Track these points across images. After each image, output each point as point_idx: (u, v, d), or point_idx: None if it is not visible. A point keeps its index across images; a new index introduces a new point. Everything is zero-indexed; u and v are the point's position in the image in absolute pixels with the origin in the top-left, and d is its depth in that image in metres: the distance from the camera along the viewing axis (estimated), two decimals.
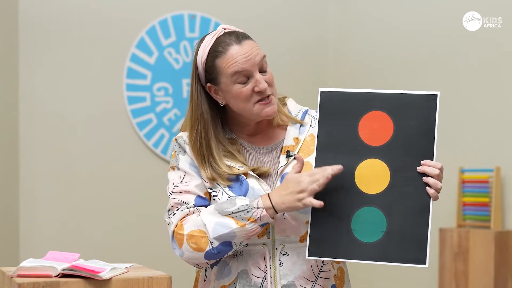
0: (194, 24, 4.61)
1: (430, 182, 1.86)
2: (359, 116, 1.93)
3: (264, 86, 1.96)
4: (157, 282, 1.79)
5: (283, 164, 2.00)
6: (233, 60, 1.96)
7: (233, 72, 1.96)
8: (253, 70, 1.96)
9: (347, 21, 4.92)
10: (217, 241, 1.91)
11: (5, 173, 4.12)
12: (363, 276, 4.69)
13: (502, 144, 3.92)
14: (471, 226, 3.95)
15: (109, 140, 4.41)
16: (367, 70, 4.71)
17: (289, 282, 1.97)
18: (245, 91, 1.97)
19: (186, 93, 4.57)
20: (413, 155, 1.88)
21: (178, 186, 2.00)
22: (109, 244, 4.32)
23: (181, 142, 2.04)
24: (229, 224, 1.89)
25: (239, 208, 1.90)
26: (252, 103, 1.98)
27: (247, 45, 1.97)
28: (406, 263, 1.86)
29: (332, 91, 1.96)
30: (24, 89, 4.22)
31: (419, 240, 1.85)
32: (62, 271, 1.75)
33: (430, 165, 1.87)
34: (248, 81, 1.97)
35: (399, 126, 1.90)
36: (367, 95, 1.93)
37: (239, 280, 1.97)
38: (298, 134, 2.05)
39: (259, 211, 1.89)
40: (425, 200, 1.86)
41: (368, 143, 1.91)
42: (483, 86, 4.03)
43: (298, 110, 2.10)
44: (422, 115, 1.90)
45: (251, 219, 1.89)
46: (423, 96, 1.91)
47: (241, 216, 1.89)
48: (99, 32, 4.39)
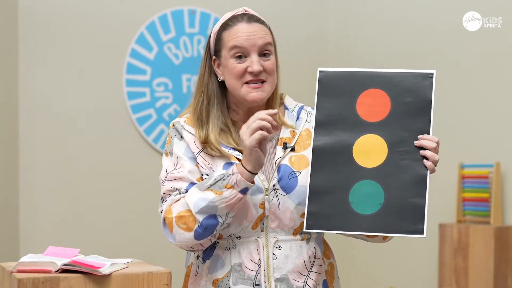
0: (194, 19, 4.61)
1: (428, 155, 1.89)
2: (357, 93, 1.96)
3: (257, 68, 1.98)
4: (157, 278, 1.79)
5: (280, 155, 2.01)
6: (236, 35, 2.00)
7: (232, 45, 2.00)
8: (251, 50, 1.99)
9: (347, 16, 4.92)
10: (201, 216, 1.91)
11: (5, 168, 4.12)
12: (363, 270, 4.70)
13: (502, 140, 3.92)
14: (471, 221, 3.95)
15: (109, 136, 4.41)
16: (366, 66, 4.71)
17: (283, 276, 1.97)
18: (239, 67, 1.99)
19: (186, 89, 4.57)
20: (410, 130, 1.92)
21: (171, 173, 2.00)
22: (109, 240, 4.32)
23: (178, 127, 2.05)
24: (208, 196, 1.90)
25: (215, 179, 1.91)
26: (242, 82, 2.00)
27: (255, 27, 2.02)
28: (403, 233, 1.88)
29: (330, 70, 2.00)
30: (24, 84, 4.21)
31: (416, 211, 1.87)
32: (62, 266, 1.75)
33: (428, 138, 1.90)
34: (244, 59, 1.99)
35: (396, 102, 1.94)
36: (365, 74, 1.98)
37: (233, 273, 1.98)
38: (294, 128, 2.06)
39: (234, 176, 1.89)
40: (422, 173, 1.89)
41: (366, 119, 1.95)
42: (483, 84, 4.03)
43: (294, 105, 2.11)
44: (419, 92, 1.94)
45: (227, 186, 1.89)
46: (420, 75, 1.95)
47: (218, 185, 1.90)
48: (99, 28, 4.39)
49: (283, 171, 1.99)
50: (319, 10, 4.99)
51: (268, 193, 1.97)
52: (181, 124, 2.05)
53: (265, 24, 2.06)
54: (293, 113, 2.08)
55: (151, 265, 1.90)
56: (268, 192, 1.97)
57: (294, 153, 2.02)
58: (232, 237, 1.99)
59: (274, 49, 2.06)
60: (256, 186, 1.96)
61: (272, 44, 2.03)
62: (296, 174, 1.98)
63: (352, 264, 4.69)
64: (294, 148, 2.02)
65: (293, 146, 2.02)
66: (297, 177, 1.98)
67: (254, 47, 1.99)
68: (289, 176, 1.98)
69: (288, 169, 1.99)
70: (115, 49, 4.43)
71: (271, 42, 2.03)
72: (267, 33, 2.03)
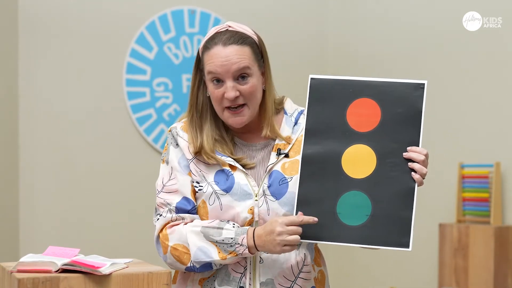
0: (194, 19, 4.61)
1: (416, 168, 1.89)
2: (347, 102, 1.95)
3: (231, 95, 1.96)
4: (157, 278, 1.79)
5: (273, 161, 2.01)
6: (211, 60, 1.98)
7: (208, 71, 1.99)
8: (226, 77, 1.97)
9: (347, 16, 4.92)
10: (197, 264, 1.95)
11: (5, 169, 4.12)
12: (363, 270, 4.70)
13: (502, 140, 3.91)
14: (471, 221, 3.95)
15: (109, 136, 4.41)
16: (367, 66, 4.71)
17: (268, 280, 1.97)
18: (217, 93, 1.99)
19: (186, 89, 4.57)
20: (399, 141, 1.91)
21: (166, 186, 2.02)
22: (109, 240, 4.32)
23: (174, 133, 2.06)
24: (211, 253, 1.93)
25: (223, 240, 1.92)
26: (222, 107, 2.00)
27: (231, 50, 1.97)
28: (390, 246, 1.89)
29: (322, 78, 1.98)
30: (24, 85, 4.21)
31: (403, 224, 1.87)
32: (62, 266, 1.75)
33: (416, 151, 1.90)
34: (222, 83, 1.98)
35: (386, 113, 1.93)
36: (356, 83, 1.96)
37: (218, 274, 1.99)
38: (291, 134, 2.05)
39: (242, 248, 1.92)
40: (410, 185, 1.89)
41: (356, 129, 1.94)
42: (483, 84, 4.03)
43: (293, 110, 2.10)
44: (409, 103, 1.92)
45: (233, 254, 1.92)
46: (411, 85, 1.94)
47: (224, 248, 1.92)
48: (99, 28, 4.39)
49: (274, 177, 1.99)
50: (319, 10, 4.99)
51: (258, 198, 1.97)
52: (176, 130, 2.06)
53: (247, 41, 2.00)
54: (292, 118, 2.08)
55: (151, 265, 1.89)
56: (257, 198, 1.97)
57: (288, 158, 2.02)
58: None
59: (263, 62, 2.03)
60: (246, 191, 1.97)
61: (249, 67, 1.98)
62: (287, 180, 1.99)
63: (352, 264, 4.69)
64: (288, 155, 2.02)
65: (287, 152, 2.02)
66: (287, 183, 1.99)
67: (228, 73, 1.96)
68: (280, 182, 1.99)
69: (279, 175, 1.99)
70: (115, 49, 4.43)
71: (248, 64, 1.98)
72: (244, 54, 1.98)
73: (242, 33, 2.01)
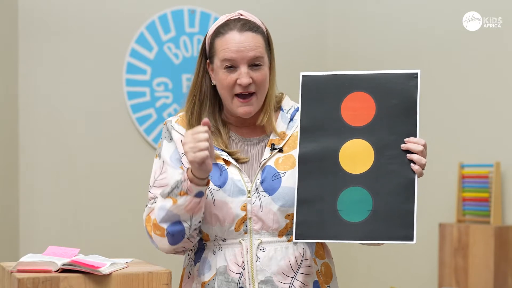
0: (194, 19, 4.61)
1: (414, 159, 1.86)
2: (341, 97, 1.93)
3: (246, 81, 1.95)
4: (157, 277, 1.79)
5: (267, 156, 2.00)
6: (226, 46, 1.97)
7: (223, 57, 1.97)
8: (241, 63, 1.96)
9: (347, 16, 4.92)
10: (165, 224, 1.92)
11: (5, 168, 4.12)
12: (363, 270, 4.70)
13: (502, 139, 3.92)
14: (471, 221, 3.95)
15: (109, 135, 4.41)
16: (367, 66, 4.71)
17: (267, 278, 1.96)
18: (229, 79, 1.97)
19: (186, 88, 4.57)
20: (396, 133, 1.89)
21: (157, 180, 2.03)
22: (109, 239, 4.32)
23: (169, 126, 2.07)
24: (167, 204, 1.91)
25: (172, 186, 1.91)
26: (232, 94, 1.98)
27: (247, 36, 1.97)
28: (394, 240, 1.85)
29: (313, 74, 1.96)
30: (24, 84, 4.21)
31: (405, 217, 1.84)
32: (62, 266, 1.75)
33: (414, 141, 1.87)
34: (234, 70, 1.97)
35: (381, 105, 1.91)
36: (348, 77, 1.94)
37: (218, 276, 1.97)
38: (285, 129, 2.05)
39: (185, 183, 1.88)
40: (410, 177, 1.86)
41: (351, 124, 1.92)
42: (483, 84, 4.03)
43: (290, 107, 2.09)
44: (404, 93, 1.90)
45: (181, 193, 1.89)
46: (405, 75, 1.91)
47: (175, 193, 1.90)
48: (99, 27, 4.39)
49: (267, 173, 1.98)
50: (319, 10, 4.99)
51: (251, 194, 1.96)
52: (171, 124, 2.06)
53: (260, 30, 2.01)
54: (287, 114, 2.07)
55: (151, 265, 1.90)
56: (250, 194, 1.97)
57: (282, 154, 2.01)
58: (218, 239, 2.00)
59: (270, 53, 2.03)
60: (239, 187, 1.96)
61: (263, 56, 1.99)
62: (280, 176, 1.97)
63: (352, 264, 4.69)
64: (282, 150, 2.01)
65: (281, 147, 2.01)
66: (280, 178, 1.97)
67: (244, 60, 1.96)
68: (273, 177, 1.97)
69: (272, 170, 1.98)
70: (115, 49, 4.43)
71: (262, 53, 1.98)
72: (259, 43, 1.98)
73: (255, 22, 2.02)
